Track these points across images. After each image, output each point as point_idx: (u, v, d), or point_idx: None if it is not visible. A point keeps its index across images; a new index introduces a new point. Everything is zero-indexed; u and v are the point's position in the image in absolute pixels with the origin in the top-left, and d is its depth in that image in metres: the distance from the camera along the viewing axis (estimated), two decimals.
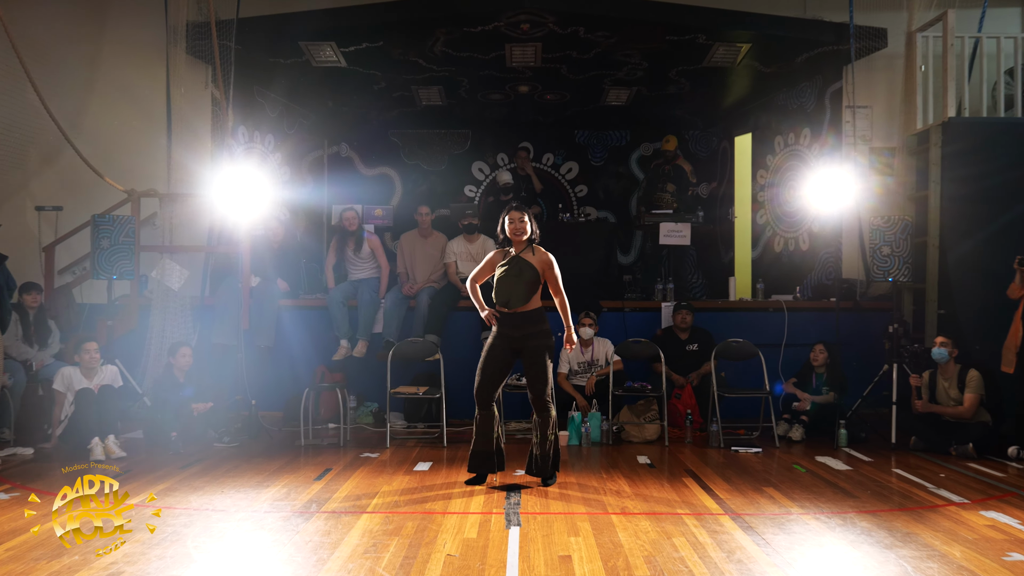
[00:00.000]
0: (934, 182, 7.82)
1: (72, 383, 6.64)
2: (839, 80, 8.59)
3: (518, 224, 5.31)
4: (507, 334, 5.33)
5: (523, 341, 5.31)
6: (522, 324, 5.31)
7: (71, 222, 8.20)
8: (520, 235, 5.30)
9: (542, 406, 5.33)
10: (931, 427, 6.65)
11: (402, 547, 4.07)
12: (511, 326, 5.32)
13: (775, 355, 7.95)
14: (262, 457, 6.39)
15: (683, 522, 4.55)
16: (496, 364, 5.34)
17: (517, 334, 5.31)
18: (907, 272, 7.33)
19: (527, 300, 5.30)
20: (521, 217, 5.32)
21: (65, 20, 8.43)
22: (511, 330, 5.32)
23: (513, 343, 5.33)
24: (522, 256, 5.33)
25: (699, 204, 11.29)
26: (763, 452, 6.66)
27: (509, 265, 5.32)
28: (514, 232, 5.31)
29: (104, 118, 8.39)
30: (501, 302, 5.32)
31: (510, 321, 5.32)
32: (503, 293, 5.30)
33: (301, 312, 8.31)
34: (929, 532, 4.35)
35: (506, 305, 5.31)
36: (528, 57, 8.73)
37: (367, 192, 11.48)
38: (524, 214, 5.33)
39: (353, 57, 8.69)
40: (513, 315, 5.32)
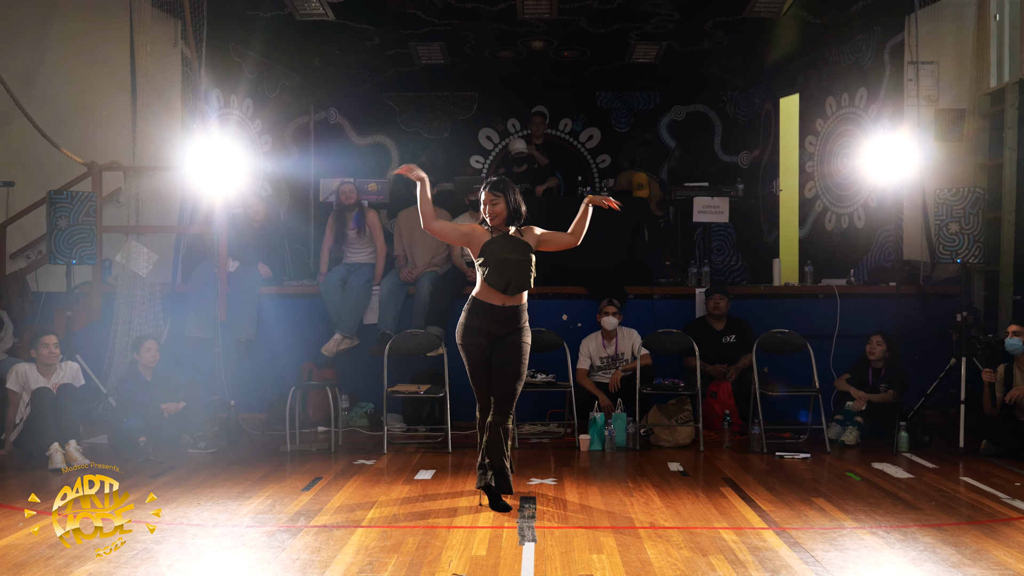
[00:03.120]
0: (1010, 148, 7.77)
1: (28, 382, 6.69)
2: (900, 32, 8.53)
3: (491, 207, 5.22)
4: (488, 330, 5.20)
5: (505, 336, 5.22)
6: (508, 320, 5.20)
7: (24, 199, 8.23)
8: (493, 219, 5.23)
9: (507, 416, 5.20)
10: (1005, 429, 6.65)
11: (402, 565, 4.10)
12: (495, 321, 5.19)
13: (826, 348, 7.95)
14: (243, 465, 6.44)
15: (721, 537, 4.57)
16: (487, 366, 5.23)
17: (501, 331, 5.21)
18: (978, 252, 7.29)
19: (529, 285, 5.21)
20: (493, 200, 5.22)
21: None
22: (494, 326, 5.20)
23: (493, 339, 5.21)
24: (512, 235, 5.24)
25: (739, 176, 11.27)
26: (812, 458, 6.67)
27: (503, 243, 5.20)
28: (490, 215, 5.24)
29: (59, 80, 8.41)
30: (500, 285, 5.15)
31: (495, 315, 5.18)
32: (503, 274, 5.14)
33: (286, 301, 8.35)
34: (1002, 549, 4.35)
35: (505, 290, 5.15)
36: (542, 7, 8.71)
37: (359, 164, 11.50)
38: (496, 196, 5.21)
39: (342, 9, 8.69)
40: (502, 308, 5.18)
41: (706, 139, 11.98)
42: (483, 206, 5.26)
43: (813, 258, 9.65)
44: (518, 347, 5.20)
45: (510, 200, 5.23)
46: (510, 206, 5.23)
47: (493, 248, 5.17)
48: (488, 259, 5.17)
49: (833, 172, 9.73)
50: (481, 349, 5.20)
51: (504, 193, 5.23)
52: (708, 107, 11.99)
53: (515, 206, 5.25)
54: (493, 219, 5.23)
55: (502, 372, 5.18)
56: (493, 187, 5.25)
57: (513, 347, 5.19)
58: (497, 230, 5.25)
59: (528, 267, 5.18)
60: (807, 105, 10.38)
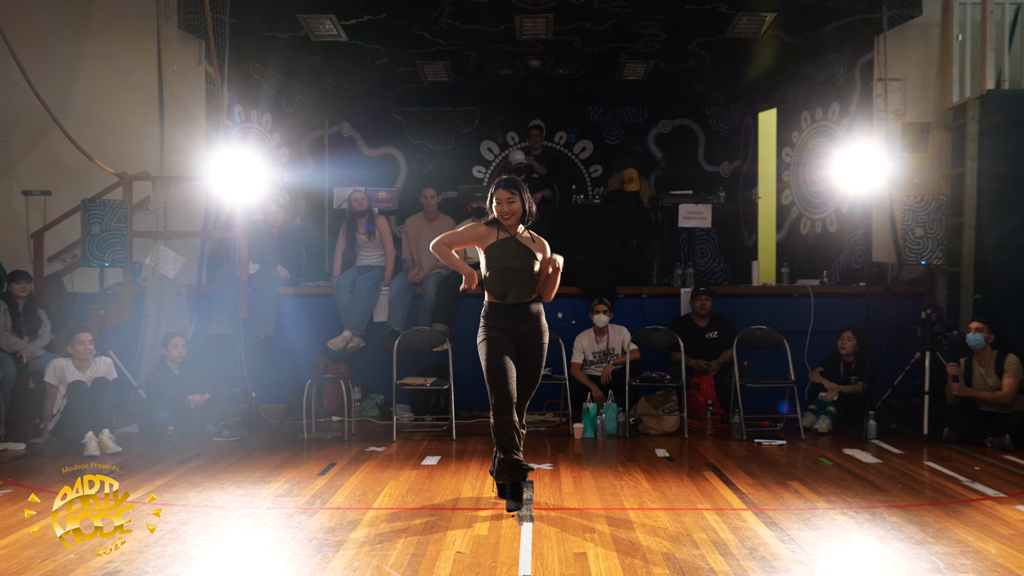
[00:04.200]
0: (971, 159, 7.79)
1: (64, 375, 6.71)
2: (870, 51, 8.54)
3: (506, 206, 4.75)
4: (509, 327, 4.79)
5: (526, 337, 4.82)
6: (525, 317, 4.81)
7: (60, 207, 8.26)
8: (507, 217, 4.76)
9: (523, 412, 4.91)
10: (966, 418, 6.67)
11: (410, 544, 4.12)
12: (513, 318, 4.78)
13: (801, 343, 7.96)
14: (263, 452, 6.46)
15: (704, 518, 4.59)
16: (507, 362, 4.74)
17: (522, 328, 4.80)
18: (941, 255, 7.31)
19: (529, 294, 4.80)
20: (510, 198, 4.75)
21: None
22: (514, 323, 4.79)
23: (516, 337, 4.80)
24: (519, 239, 4.80)
25: (721, 184, 11.28)
26: (788, 445, 6.68)
27: (506, 247, 4.76)
28: (502, 215, 4.76)
29: (93, 97, 8.42)
30: (498, 293, 4.76)
31: (510, 312, 4.78)
32: (501, 282, 4.74)
33: (302, 300, 8.36)
34: (963, 528, 4.37)
35: (503, 298, 4.76)
36: (539, 29, 8.72)
37: (370, 174, 11.51)
38: (513, 193, 4.76)
39: (354, 31, 8.70)
40: (515, 306, 4.78)
41: (690, 150, 12.00)
42: (498, 204, 4.76)
43: (789, 260, 9.66)
44: (539, 349, 4.86)
45: (524, 199, 4.80)
46: (523, 206, 4.79)
47: (496, 253, 4.77)
48: (490, 264, 4.78)
49: (808, 181, 9.74)
50: (500, 342, 4.74)
51: (519, 192, 4.79)
52: (692, 121, 12.00)
53: (528, 206, 4.83)
54: (508, 217, 4.75)
55: (524, 375, 4.83)
56: (508, 185, 4.78)
57: (534, 350, 4.84)
58: (505, 232, 4.80)
59: (528, 275, 4.76)
60: (784, 119, 10.39)
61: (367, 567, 3.78)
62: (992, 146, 7.68)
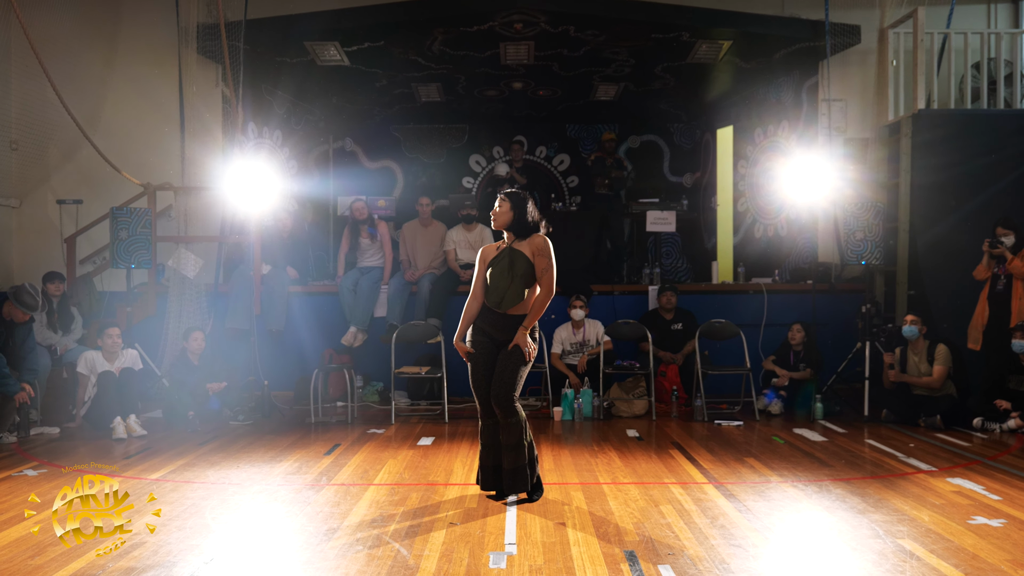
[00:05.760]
0: (904, 171, 7.83)
1: (95, 366, 6.65)
2: (815, 75, 8.57)
3: (495, 208, 4.47)
4: (490, 333, 4.46)
5: (507, 342, 4.42)
6: (509, 327, 4.42)
7: (91, 214, 8.21)
8: (494, 221, 4.45)
9: (509, 409, 4.33)
10: (901, 400, 6.70)
11: (407, 516, 4.10)
12: (497, 327, 4.44)
13: (755, 334, 7.97)
14: (274, 434, 6.42)
15: (670, 491, 4.59)
16: (488, 367, 4.41)
17: (502, 337, 4.43)
18: (879, 256, 7.35)
19: (522, 298, 4.41)
20: (499, 203, 4.46)
21: (81, 20, 8.38)
22: (497, 332, 4.44)
23: (497, 343, 4.45)
24: (514, 247, 4.44)
25: (684, 193, 11.29)
26: (744, 425, 6.70)
27: (501, 258, 4.44)
28: (493, 216, 4.47)
29: (120, 115, 8.37)
30: (493, 303, 4.42)
31: (496, 321, 4.44)
32: (496, 292, 4.40)
33: (310, 298, 8.31)
34: (899, 498, 4.39)
35: (498, 306, 4.41)
36: (521, 55, 8.70)
37: (370, 184, 11.45)
38: (503, 200, 4.46)
39: (356, 56, 8.66)
40: (503, 316, 4.41)
41: (656, 163, 11.99)
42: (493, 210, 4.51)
43: (744, 261, 9.68)
44: (519, 352, 4.37)
45: (516, 209, 4.43)
46: (515, 215, 4.42)
47: (493, 265, 4.45)
48: (489, 272, 4.45)
49: (761, 191, 9.76)
50: (481, 347, 4.45)
51: (511, 200, 4.45)
52: (658, 137, 11.99)
53: (520, 218, 4.43)
54: (493, 221, 4.46)
55: (498, 368, 4.38)
56: (506, 192, 4.51)
57: (516, 349, 4.36)
58: (502, 246, 4.49)
59: (518, 283, 4.38)
60: (739, 135, 10.41)
61: (369, 537, 3.75)
62: (923, 159, 7.73)
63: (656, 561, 3.41)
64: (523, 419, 4.40)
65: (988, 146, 7.65)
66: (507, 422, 4.35)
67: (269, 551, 3.63)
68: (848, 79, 8.50)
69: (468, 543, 3.66)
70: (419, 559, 3.46)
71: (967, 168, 7.63)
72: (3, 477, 4.99)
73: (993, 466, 5.15)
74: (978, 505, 4.25)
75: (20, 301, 6.36)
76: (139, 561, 3.41)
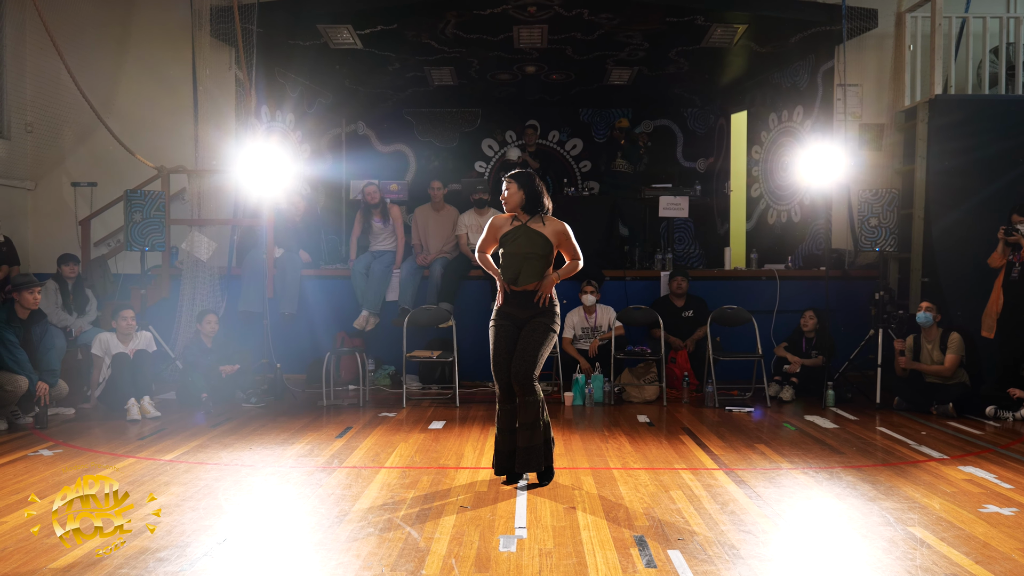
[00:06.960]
0: (920, 156, 7.75)
1: (109, 348, 6.69)
2: (831, 59, 8.48)
3: (504, 193, 4.46)
4: (513, 314, 4.43)
5: (528, 320, 4.42)
6: (531, 304, 4.41)
7: (105, 197, 8.24)
8: (505, 204, 4.46)
9: (528, 387, 4.32)
10: (913, 388, 6.67)
11: (418, 499, 4.11)
12: (518, 306, 4.41)
13: (767, 321, 7.94)
14: (287, 416, 6.45)
15: (680, 477, 4.58)
16: (510, 350, 4.40)
17: (524, 315, 4.42)
18: (893, 242, 7.29)
19: (540, 276, 4.40)
20: (507, 186, 4.45)
21: (95, 3, 8.38)
22: (518, 310, 4.42)
23: (520, 324, 4.44)
24: (530, 226, 4.42)
25: (697, 179, 11.22)
26: (755, 411, 6.68)
27: (516, 235, 4.42)
28: (503, 202, 4.47)
29: (134, 98, 8.38)
30: (509, 278, 4.40)
31: (517, 300, 4.41)
32: (511, 268, 4.39)
33: (322, 281, 8.33)
34: (910, 486, 4.37)
35: (514, 282, 4.39)
36: (535, 38, 8.65)
37: (383, 168, 11.45)
38: (510, 182, 4.45)
39: (369, 39, 8.63)
40: (522, 293, 4.40)
41: (670, 148, 11.92)
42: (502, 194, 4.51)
43: (757, 247, 9.63)
44: (539, 325, 4.37)
45: (525, 188, 4.42)
46: (525, 193, 4.42)
47: (507, 240, 4.44)
48: (503, 250, 4.46)
49: (775, 176, 9.70)
50: (503, 330, 4.43)
51: (517, 180, 4.44)
52: (671, 121, 11.91)
53: (531, 195, 4.42)
54: (505, 205, 4.47)
55: (520, 345, 4.38)
56: (510, 175, 4.49)
57: (535, 325, 4.38)
58: (518, 219, 4.48)
59: (535, 260, 4.38)
60: (753, 120, 10.33)
61: (380, 519, 3.77)
62: (940, 145, 7.65)
63: (666, 546, 3.41)
64: (541, 399, 4.39)
65: (1005, 132, 7.56)
66: (525, 400, 4.35)
67: (281, 532, 3.65)
68: (864, 64, 8.41)
69: (479, 526, 3.67)
70: (430, 542, 3.47)
71: (984, 154, 7.55)
72: (19, 457, 5.05)
73: (1005, 455, 5.12)
74: (990, 493, 4.23)
75: (17, 284, 6.23)
76: (153, 541, 3.44)
